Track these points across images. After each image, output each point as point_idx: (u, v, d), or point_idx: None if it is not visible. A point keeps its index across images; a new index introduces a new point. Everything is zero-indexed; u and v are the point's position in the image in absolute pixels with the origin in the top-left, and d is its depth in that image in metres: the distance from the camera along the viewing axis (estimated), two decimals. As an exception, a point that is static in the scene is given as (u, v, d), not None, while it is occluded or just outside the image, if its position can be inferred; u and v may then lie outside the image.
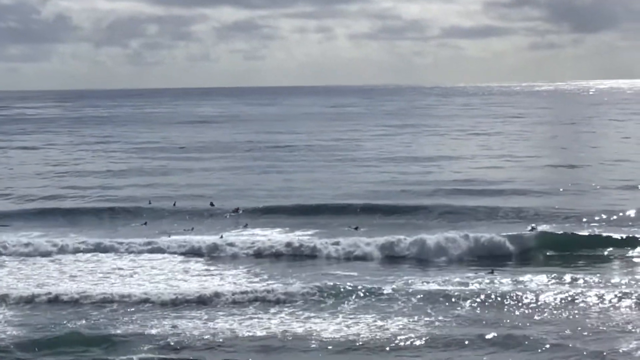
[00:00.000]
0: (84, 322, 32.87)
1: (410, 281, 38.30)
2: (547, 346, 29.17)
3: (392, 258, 43.96)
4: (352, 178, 71.77)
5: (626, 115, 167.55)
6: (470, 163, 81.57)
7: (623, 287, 36.53)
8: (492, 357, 28.60)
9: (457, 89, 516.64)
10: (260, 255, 44.80)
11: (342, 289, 36.26)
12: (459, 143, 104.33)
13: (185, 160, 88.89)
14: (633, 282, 37.45)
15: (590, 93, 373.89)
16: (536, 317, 32.67)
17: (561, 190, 63.11)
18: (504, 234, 45.72)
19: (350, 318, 32.96)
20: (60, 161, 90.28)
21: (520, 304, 34.13)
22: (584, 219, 51.01)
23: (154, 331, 31.63)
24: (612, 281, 37.67)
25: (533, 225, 50.79)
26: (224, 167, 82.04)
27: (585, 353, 28.54)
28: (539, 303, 34.20)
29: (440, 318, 32.57)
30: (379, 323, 32.18)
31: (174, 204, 58.87)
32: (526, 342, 29.53)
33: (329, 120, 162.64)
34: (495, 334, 30.28)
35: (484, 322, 32.01)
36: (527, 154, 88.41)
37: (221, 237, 48.57)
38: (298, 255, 44.76)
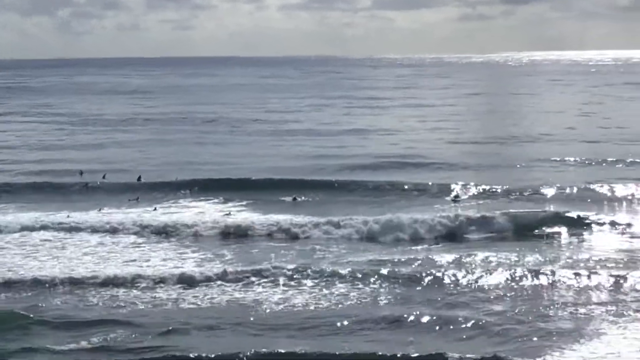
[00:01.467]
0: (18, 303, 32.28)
1: (349, 258, 38.18)
2: (482, 323, 29.16)
3: (332, 236, 43.26)
4: (285, 151, 71.43)
5: (557, 87, 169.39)
6: (402, 136, 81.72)
7: (559, 265, 36.62)
8: (423, 337, 28.44)
9: (388, 60, 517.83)
10: (195, 231, 44.14)
11: (278, 268, 35.93)
12: (391, 115, 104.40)
13: (118, 132, 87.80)
14: (572, 261, 37.49)
15: (522, 64, 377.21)
16: (474, 297, 32.58)
17: (492, 165, 63.48)
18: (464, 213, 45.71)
19: (286, 296, 32.73)
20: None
21: (460, 283, 34.13)
22: (514, 195, 51.42)
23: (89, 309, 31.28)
24: (544, 258, 37.68)
25: (455, 195, 51.11)
26: (157, 139, 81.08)
27: (517, 332, 28.50)
28: (479, 282, 34.19)
29: (374, 296, 32.50)
30: (311, 301, 32.02)
31: (104, 177, 58.14)
32: (458, 323, 29.34)
33: (261, 91, 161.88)
34: (429, 314, 30.13)
35: (419, 301, 31.90)
36: (457, 128, 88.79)
37: (155, 209, 48.25)
38: (233, 232, 44.25)
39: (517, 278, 34.45)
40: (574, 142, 75.38)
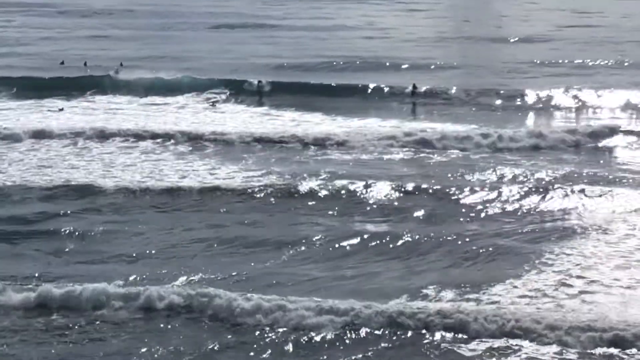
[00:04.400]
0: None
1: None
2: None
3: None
4: (254, 48, 73.82)
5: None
6: (385, 33, 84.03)
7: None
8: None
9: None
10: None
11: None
12: (375, 10, 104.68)
13: (91, 25, 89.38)
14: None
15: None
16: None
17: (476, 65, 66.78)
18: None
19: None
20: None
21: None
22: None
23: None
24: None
25: (414, 87, 56.26)
26: (131, 35, 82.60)
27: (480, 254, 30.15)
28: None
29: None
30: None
31: (85, 64, 63.59)
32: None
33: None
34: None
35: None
36: (447, 26, 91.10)
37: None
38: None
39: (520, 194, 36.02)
40: (568, 43, 77.62)
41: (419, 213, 33.93)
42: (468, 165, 40.95)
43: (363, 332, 24.57)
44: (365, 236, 31.47)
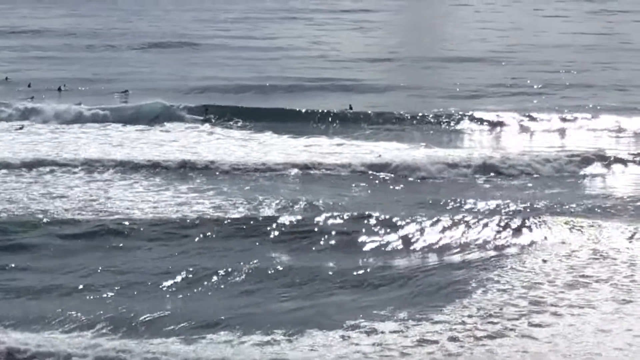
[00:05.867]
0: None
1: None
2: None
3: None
4: (193, 71, 74.27)
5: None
6: (330, 52, 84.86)
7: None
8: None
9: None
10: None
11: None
12: (318, 28, 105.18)
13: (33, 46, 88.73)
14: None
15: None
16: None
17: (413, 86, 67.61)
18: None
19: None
20: None
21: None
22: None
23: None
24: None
25: (349, 106, 57.06)
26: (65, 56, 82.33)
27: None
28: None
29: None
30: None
31: (29, 85, 63.92)
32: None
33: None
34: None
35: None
36: (391, 43, 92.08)
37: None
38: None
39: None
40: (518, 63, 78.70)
41: (323, 242, 33.80)
42: (404, 190, 41.63)
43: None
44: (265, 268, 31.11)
